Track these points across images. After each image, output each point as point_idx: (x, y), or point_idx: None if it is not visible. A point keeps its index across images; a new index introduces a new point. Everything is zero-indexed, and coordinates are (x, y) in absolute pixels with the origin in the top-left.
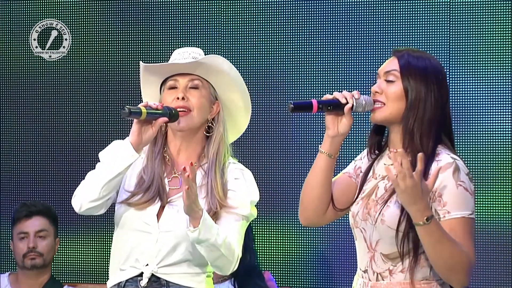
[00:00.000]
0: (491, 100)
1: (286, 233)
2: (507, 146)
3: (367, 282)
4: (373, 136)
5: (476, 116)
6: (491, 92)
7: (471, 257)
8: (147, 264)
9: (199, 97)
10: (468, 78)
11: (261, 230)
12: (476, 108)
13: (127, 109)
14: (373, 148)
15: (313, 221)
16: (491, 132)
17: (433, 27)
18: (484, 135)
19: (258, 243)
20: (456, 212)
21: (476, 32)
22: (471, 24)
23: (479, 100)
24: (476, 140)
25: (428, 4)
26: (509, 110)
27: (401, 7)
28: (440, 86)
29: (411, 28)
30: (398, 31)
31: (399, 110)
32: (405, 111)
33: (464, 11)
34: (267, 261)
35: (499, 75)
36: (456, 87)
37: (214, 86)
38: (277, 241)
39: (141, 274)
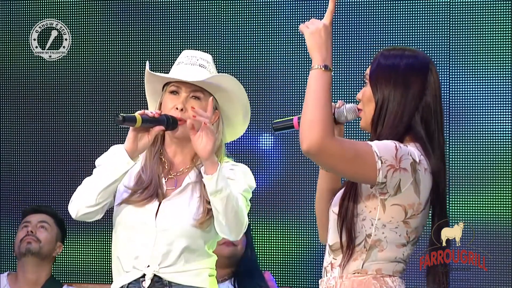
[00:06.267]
0: (491, 100)
1: (286, 233)
2: (507, 146)
3: (321, 279)
4: None
5: (476, 116)
6: (491, 92)
7: (325, 135)
8: (148, 265)
9: (198, 108)
10: (468, 78)
11: (261, 230)
12: (476, 108)
13: (121, 117)
14: None
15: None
16: (491, 132)
17: (433, 27)
18: (484, 135)
19: (258, 243)
20: (372, 142)
21: (476, 32)
22: (471, 24)
23: (479, 100)
24: (476, 140)
25: (428, 4)
26: (509, 110)
27: (401, 7)
28: (408, 81)
29: (411, 28)
30: (398, 31)
31: (372, 112)
32: (374, 112)
33: (464, 11)
34: (267, 261)
35: (499, 75)
36: (456, 87)
37: (216, 98)
38: (277, 241)
39: (143, 276)
